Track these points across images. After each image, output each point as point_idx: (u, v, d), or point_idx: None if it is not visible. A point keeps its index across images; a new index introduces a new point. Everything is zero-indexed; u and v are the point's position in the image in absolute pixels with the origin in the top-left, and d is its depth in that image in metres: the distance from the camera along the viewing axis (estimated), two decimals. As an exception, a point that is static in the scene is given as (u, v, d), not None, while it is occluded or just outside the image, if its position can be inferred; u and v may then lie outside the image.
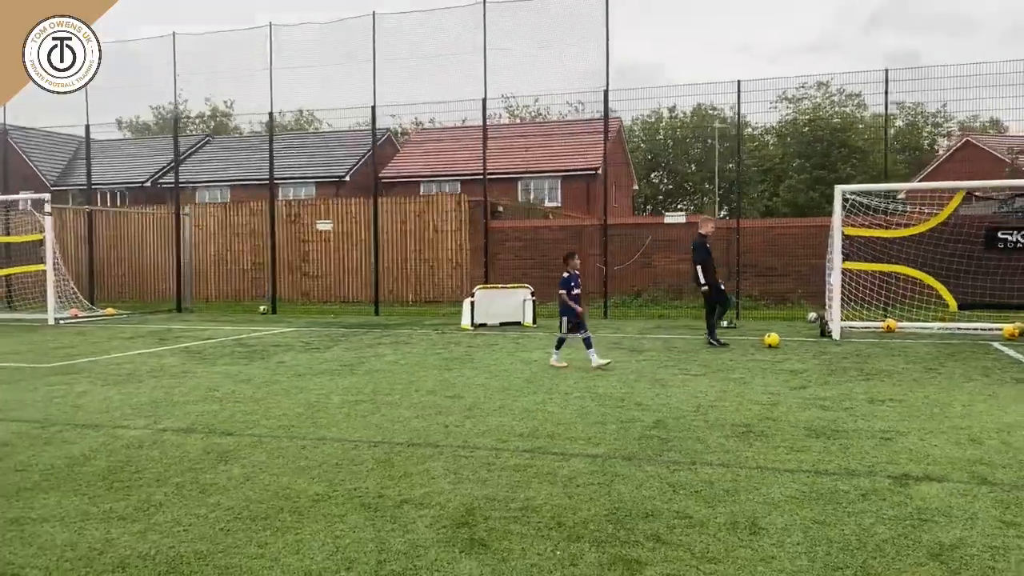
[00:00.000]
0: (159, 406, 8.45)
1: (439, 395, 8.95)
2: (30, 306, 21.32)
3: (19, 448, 6.64)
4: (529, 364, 11.44)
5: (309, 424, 7.48)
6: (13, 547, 4.41)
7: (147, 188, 45.31)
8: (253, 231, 26.26)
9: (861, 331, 14.89)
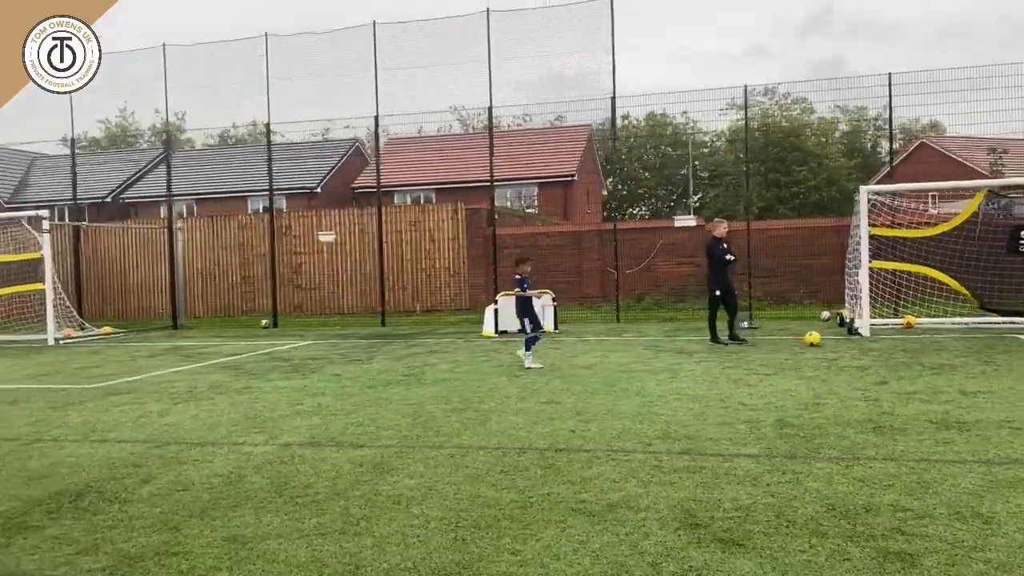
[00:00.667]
0: (256, 422, 8.28)
1: (532, 401, 8.93)
2: (14, 327, 20.62)
3: (158, 469, 6.45)
4: (590, 368, 11.47)
5: (432, 434, 7.41)
6: (258, 564, 4.29)
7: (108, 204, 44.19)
8: (242, 244, 25.85)
9: (883, 328, 15.23)
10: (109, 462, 6.72)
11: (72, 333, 20.16)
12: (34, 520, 5.23)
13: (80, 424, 8.51)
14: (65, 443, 7.55)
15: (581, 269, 23.38)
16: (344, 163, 43.67)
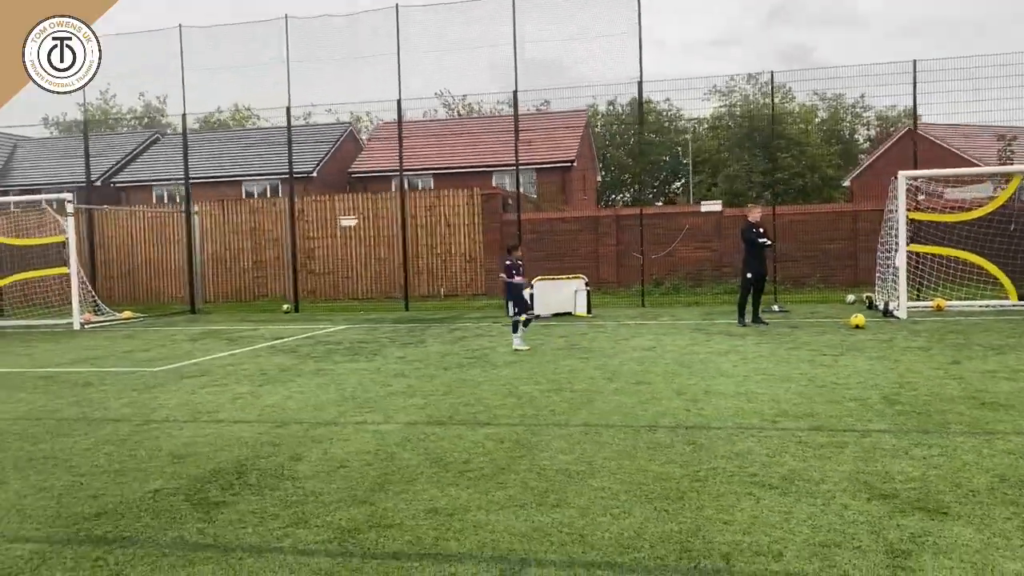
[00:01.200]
0: (360, 402, 8.36)
1: (620, 382, 9.08)
2: (32, 312, 20.41)
3: (297, 448, 6.52)
4: (653, 350, 11.62)
5: (547, 413, 7.54)
6: (481, 534, 4.39)
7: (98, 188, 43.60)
8: (254, 229, 25.71)
9: (915, 311, 15.53)
10: (242, 441, 6.78)
11: (91, 318, 19.97)
12: (215, 496, 5.30)
13: (180, 406, 8.53)
14: (180, 424, 7.59)
15: (597, 254, 23.53)
16: (339, 148, 43.38)
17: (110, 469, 6.09)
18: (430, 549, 4.25)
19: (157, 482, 5.70)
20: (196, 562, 4.20)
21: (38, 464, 6.31)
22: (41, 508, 5.20)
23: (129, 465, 6.16)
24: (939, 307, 15.73)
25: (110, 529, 4.75)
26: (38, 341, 15.97)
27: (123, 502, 5.26)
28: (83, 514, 5.05)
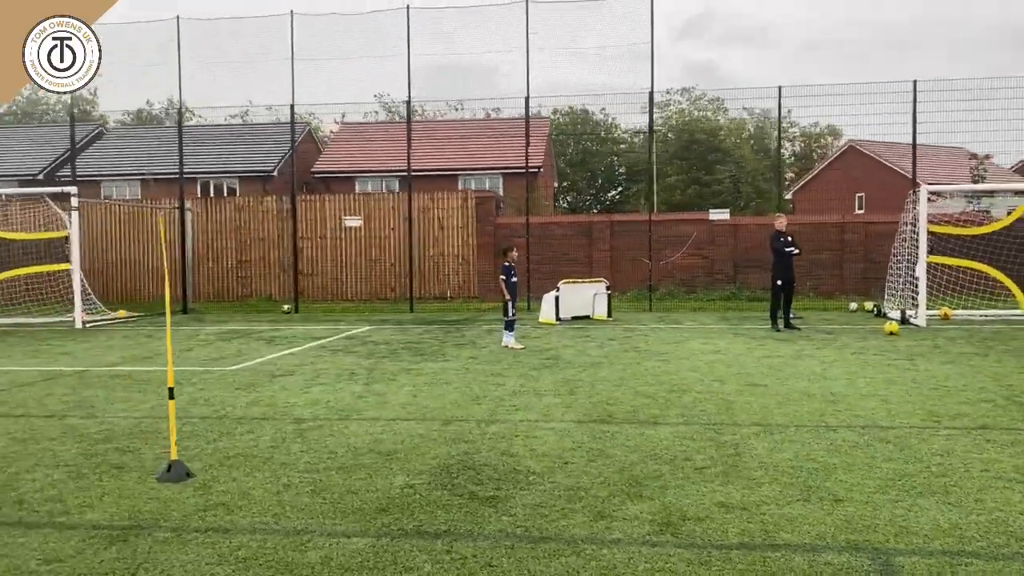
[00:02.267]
0: (493, 400, 8.44)
1: (732, 383, 9.38)
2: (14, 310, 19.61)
3: (493, 443, 6.59)
4: (719, 354, 11.96)
5: (699, 413, 7.78)
6: (808, 526, 4.60)
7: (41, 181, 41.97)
8: (239, 227, 25.20)
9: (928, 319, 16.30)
10: (429, 438, 6.84)
11: (85, 316, 19.27)
12: (477, 490, 5.35)
13: (312, 403, 8.46)
14: (336, 421, 7.56)
15: (591, 259, 23.87)
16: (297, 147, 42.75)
17: (332, 466, 6.06)
18: (771, 540, 4.42)
19: (398, 477, 5.71)
20: (555, 555, 4.28)
21: (249, 462, 6.22)
22: (321, 504, 5.17)
23: (343, 462, 6.15)
24: (945, 316, 16.55)
25: (415, 523, 4.79)
26: (54, 339, 15.39)
27: (388, 496, 5.26)
28: (365, 509, 5.05)
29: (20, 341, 15.14)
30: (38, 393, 9.41)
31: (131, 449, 6.69)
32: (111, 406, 8.56)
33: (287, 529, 4.71)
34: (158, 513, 5.06)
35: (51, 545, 4.52)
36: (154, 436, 7.14)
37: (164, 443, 6.82)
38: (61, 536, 4.67)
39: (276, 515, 4.97)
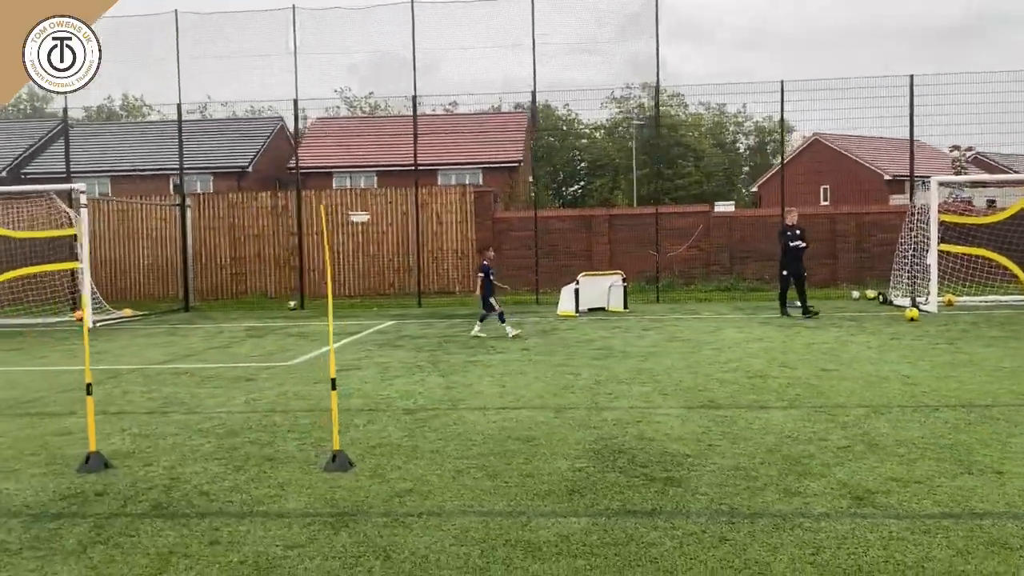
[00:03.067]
0: (599, 391, 8.63)
1: (803, 370, 9.71)
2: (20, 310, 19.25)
3: (654, 429, 6.80)
4: (762, 341, 12.31)
5: (816, 396, 8.06)
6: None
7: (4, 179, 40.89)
8: (232, 225, 24.96)
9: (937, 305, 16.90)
10: (576, 424, 6.99)
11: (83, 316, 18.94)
12: (675, 474, 5.56)
13: (407, 395, 8.58)
14: (461, 411, 7.68)
15: (591, 252, 24.14)
16: (270, 143, 42.38)
17: (483, 452, 6.21)
18: (969, 509, 4.70)
19: (559, 462, 5.89)
20: (777, 529, 4.50)
21: (397, 451, 6.34)
22: (508, 487, 5.32)
23: (491, 448, 6.32)
24: (949, 302, 17.17)
25: (618, 502, 4.98)
26: (75, 339, 15.14)
27: (568, 479, 5.45)
28: (557, 491, 5.22)
29: (39, 342, 14.89)
30: (114, 391, 9.35)
31: (263, 442, 6.75)
32: (202, 402, 8.56)
33: (500, 511, 4.86)
34: (357, 500, 5.16)
35: (279, 532, 4.61)
36: (272, 429, 7.20)
37: (290, 435, 6.91)
38: (282, 524, 4.75)
39: (474, 498, 5.11)
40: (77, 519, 4.94)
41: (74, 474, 5.92)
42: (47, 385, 9.93)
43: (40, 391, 9.51)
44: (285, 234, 24.65)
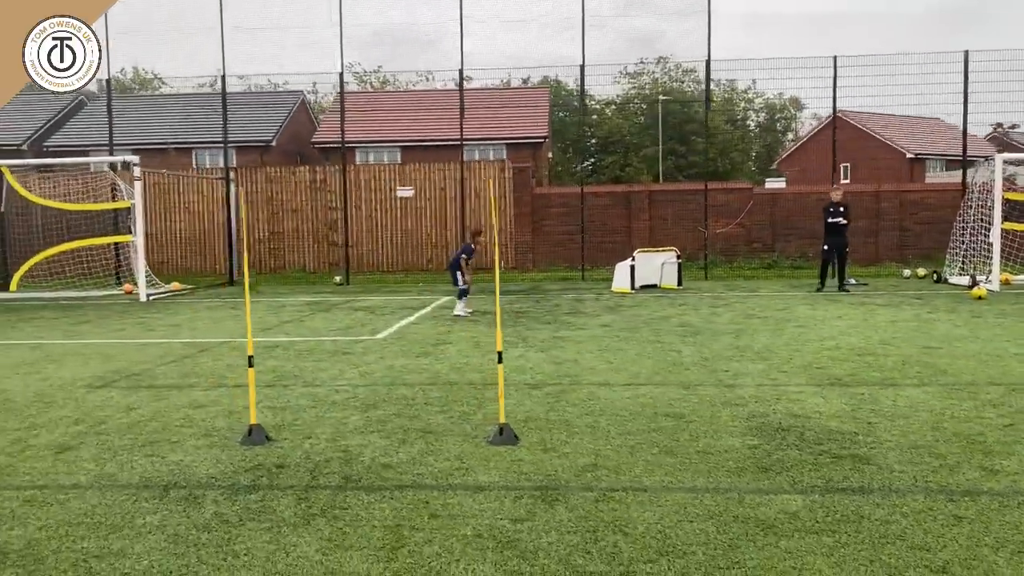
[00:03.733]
0: (708, 370, 8.59)
1: (907, 346, 9.66)
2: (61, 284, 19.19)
3: (856, 406, 6.76)
4: (841, 319, 12.27)
5: (948, 375, 8.02)
6: None
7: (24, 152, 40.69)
8: (270, 199, 24.83)
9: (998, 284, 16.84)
10: (713, 402, 6.95)
11: (132, 288, 18.94)
12: (836, 449, 5.52)
13: (519, 371, 8.51)
14: (584, 387, 7.67)
15: (630, 229, 24.04)
16: (292, 118, 42.18)
17: (641, 428, 6.17)
18: None
19: (728, 439, 5.85)
20: (1006, 507, 4.46)
21: (548, 426, 6.31)
22: (688, 463, 5.29)
23: (645, 425, 6.29)
24: (1006, 281, 17.11)
25: (818, 480, 4.95)
26: (137, 312, 15.10)
27: (748, 456, 5.42)
28: (746, 468, 5.19)
29: (102, 315, 14.82)
30: (217, 365, 9.30)
31: (407, 415, 6.71)
32: (316, 375, 8.52)
33: (703, 488, 4.82)
34: (549, 474, 5.12)
35: (493, 506, 4.57)
36: (407, 402, 7.17)
37: (429, 408, 6.88)
38: (490, 497, 4.72)
39: (667, 474, 5.08)
40: (275, 491, 4.90)
41: (239, 446, 5.87)
42: (143, 357, 9.87)
43: (141, 363, 9.45)
44: (324, 209, 24.52)
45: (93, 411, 7.06)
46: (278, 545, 4.08)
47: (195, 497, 4.81)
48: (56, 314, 15.00)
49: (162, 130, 39.00)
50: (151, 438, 6.15)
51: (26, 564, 3.91)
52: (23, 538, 4.23)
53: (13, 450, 5.91)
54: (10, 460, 5.65)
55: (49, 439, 6.19)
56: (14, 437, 6.27)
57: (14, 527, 4.39)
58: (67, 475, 5.30)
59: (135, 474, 5.29)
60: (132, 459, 5.62)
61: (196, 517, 4.48)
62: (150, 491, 4.94)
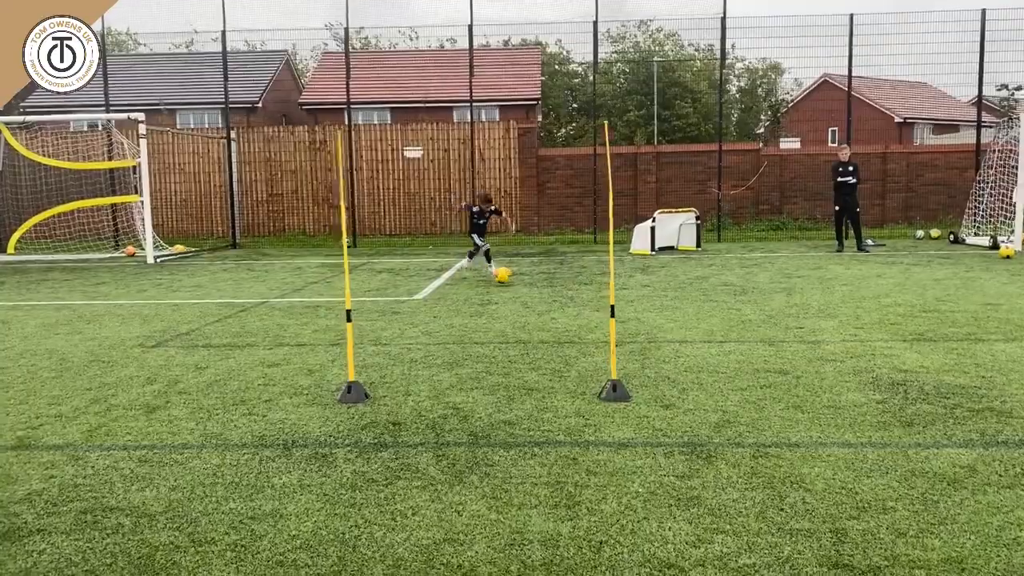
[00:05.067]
0: (782, 327, 8.41)
1: (966, 303, 9.55)
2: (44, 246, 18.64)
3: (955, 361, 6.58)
4: (888, 277, 12.14)
5: (1008, 329, 7.88)
6: None
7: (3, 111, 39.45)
8: (268, 159, 24.23)
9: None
10: (804, 358, 6.76)
11: (134, 251, 18.44)
12: (969, 403, 5.35)
13: (579, 328, 8.28)
14: (667, 345, 7.45)
15: (636, 191, 23.80)
16: (277, 78, 41.28)
17: (750, 385, 5.97)
18: None
19: (851, 395, 5.66)
20: None
21: (656, 383, 6.08)
22: (819, 417, 5.09)
23: (750, 382, 6.10)
24: (1023, 242, 17.07)
25: (969, 434, 4.75)
26: (150, 274, 14.65)
27: (883, 411, 5.25)
28: (888, 423, 5.00)
29: (116, 276, 14.35)
30: (270, 324, 8.96)
31: (499, 372, 6.46)
32: (379, 335, 8.22)
33: (857, 443, 4.64)
34: (682, 429, 4.91)
35: (644, 463, 4.34)
36: (490, 360, 6.90)
37: (516, 366, 6.61)
38: (637, 453, 4.50)
39: (810, 430, 4.88)
40: (407, 448, 4.63)
41: (340, 404, 5.57)
42: (183, 317, 9.50)
43: (185, 323, 9.09)
44: (323, 170, 24.00)
45: (161, 371, 6.72)
46: (444, 503, 3.82)
47: (324, 456, 4.52)
48: (67, 276, 14.51)
49: (142, 91, 37.91)
50: (239, 397, 5.84)
51: (181, 526, 3.61)
52: (161, 499, 3.93)
53: (98, 410, 5.57)
54: (101, 420, 5.32)
55: (130, 398, 5.86)
56: (91, 397, 5.93)
57: (144, 488, 4.09)
58: (171, 435, 4.99)
59: (244, 433, 4.99)
60: (231, 418, 5.32)
61: (337, 476, 4.19)
62: (271, 450, 4.64)
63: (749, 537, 3.41)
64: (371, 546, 3.39)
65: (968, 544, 3.31)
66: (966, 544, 3.31)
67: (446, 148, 23.98)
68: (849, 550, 3.27)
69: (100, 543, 3.47)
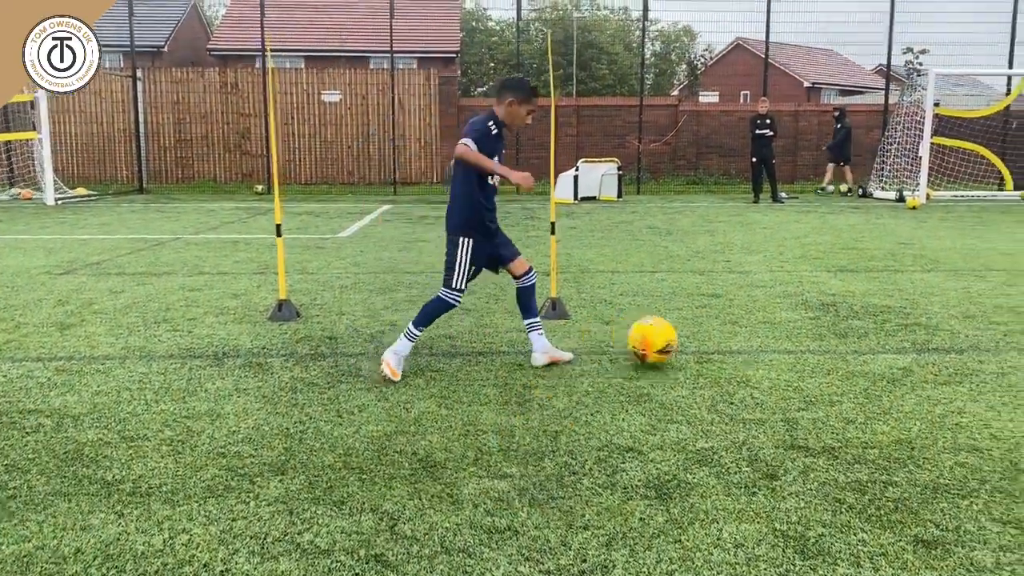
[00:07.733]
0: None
1: (881, 242, 9.85)
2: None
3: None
4: (805, 224, 12.43)
5: (958, 262, 8.15)
6: None
7: None
8: (177, 102, 23.20)
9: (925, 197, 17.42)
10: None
11: (31, 194, 17.49)
12: None
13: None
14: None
15: (556, 143, 23.72)
16: (184, 23, 39.62)
17: (700, 304, 5.99)
18: None
19: (790, 313, 5.74)
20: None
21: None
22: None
23: (699, 302, 6.10)
24: (927, 196, 17.76)
25: (919, 342, 4.86)
26: (56, 214, 13.89)
27: (821, 326, 5.31)
28: (828, 334, 5.07)
29: (11, 215, 13.58)
30: (187, 255, 8.60)
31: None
32: (305, 265, 7.98)
33: (796, 350, 4.72)
34: (622, 343, 4.87)
35: (593, 367, 4.29)
36: (423, 286, 6.76)
37: (472, 290, 6.48)
38: (582, 360, 4.43)
39: (745, 341, 4.93)
40: (345, 357, 4.49)
41: (270, 323, 5.36)
42: (91, 250, 9.02)
43: (94, 255, 8.64)
44: (236, 115, 23.13)
45: (72, 294, 6.34)
46: (391, 402, 3.69)
47: (259, 364, 4.33)
48: (-41, 214, 13.63)
49: (40, 30, 35.67)
50: (161, 316, 5.55)
51: (109, 425, 3.39)
52: (84, 403, 3.68)
53: (6, 327, 5.21)
54: (9, 337, 4.97)
55: (41, 317, 5.50)
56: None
57: (65, 393, 3.83)
58: (89, 348, 4.70)
59: (170, 346, 4.74)
60: (154, 334, 5.05)
61: (275, 382, 4.01)
62: (200, 360, 4.42)
63: (703, 426, 3.40)
64: (319, 439, 3.25)
65: (915, 429, 3.37)
66: (912, 428, 3.37)
67: (364, 95, 23.39)
68: (803, 435, 3.29)
69: (20, 441, 3.23)
